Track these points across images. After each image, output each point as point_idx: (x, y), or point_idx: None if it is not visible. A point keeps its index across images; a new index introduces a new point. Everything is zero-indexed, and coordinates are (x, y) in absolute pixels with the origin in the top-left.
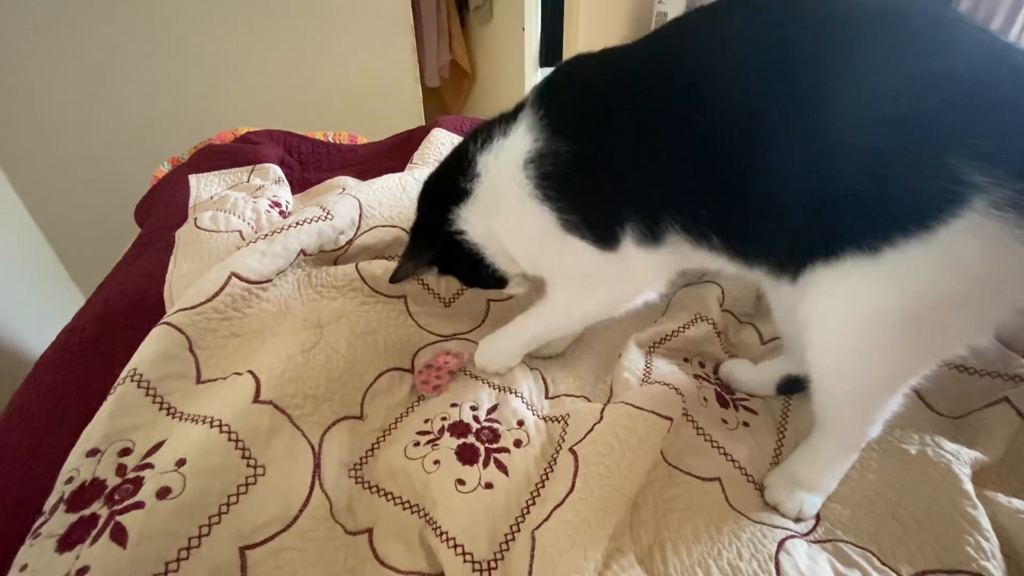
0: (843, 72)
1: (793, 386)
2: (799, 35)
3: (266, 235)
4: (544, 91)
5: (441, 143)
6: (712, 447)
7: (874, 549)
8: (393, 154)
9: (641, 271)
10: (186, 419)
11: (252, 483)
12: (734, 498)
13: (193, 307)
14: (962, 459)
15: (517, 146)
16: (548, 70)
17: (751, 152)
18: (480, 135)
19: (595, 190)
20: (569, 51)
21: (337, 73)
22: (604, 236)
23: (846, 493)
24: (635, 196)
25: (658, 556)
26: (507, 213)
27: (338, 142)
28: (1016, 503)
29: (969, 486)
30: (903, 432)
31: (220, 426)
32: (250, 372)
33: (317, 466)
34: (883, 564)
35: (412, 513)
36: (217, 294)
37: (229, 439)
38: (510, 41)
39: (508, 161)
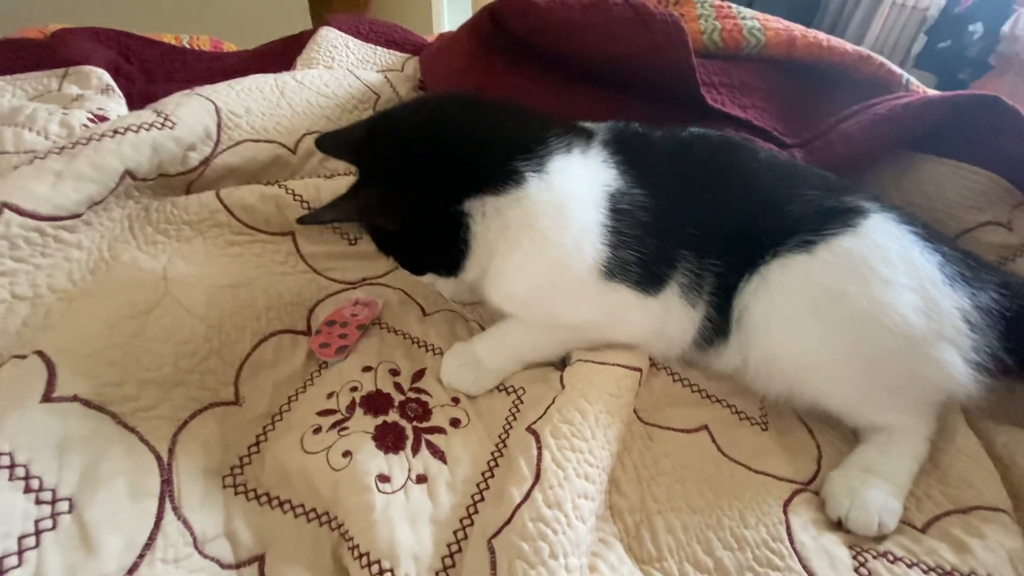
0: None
1: None
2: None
3: (63, 148)
4: (611, 137)
5: (333, 45)
6: (693, 392)
7: None
8: (276, 62)
9: (675, 318)
10: None
11: (48, 529)
12: (728, 445)
13: None
14: None
15: (600, 176)
16: None
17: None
18: (554, 128)
19: (659, 232)
20: None
21: None
22: (654, 279)
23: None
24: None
25: (647, 536)
26: (548, 234)
27: (197, 48)
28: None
29: (959, 416)
30: None
31: None
32: (38, 354)
33: (167, 483)
34: None
35: (321, 525)
36: None
37: None
38: None
39: (589, 182)
